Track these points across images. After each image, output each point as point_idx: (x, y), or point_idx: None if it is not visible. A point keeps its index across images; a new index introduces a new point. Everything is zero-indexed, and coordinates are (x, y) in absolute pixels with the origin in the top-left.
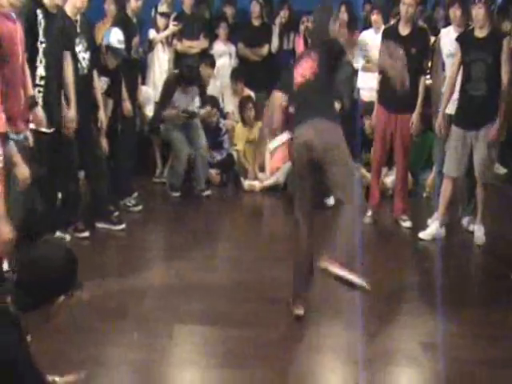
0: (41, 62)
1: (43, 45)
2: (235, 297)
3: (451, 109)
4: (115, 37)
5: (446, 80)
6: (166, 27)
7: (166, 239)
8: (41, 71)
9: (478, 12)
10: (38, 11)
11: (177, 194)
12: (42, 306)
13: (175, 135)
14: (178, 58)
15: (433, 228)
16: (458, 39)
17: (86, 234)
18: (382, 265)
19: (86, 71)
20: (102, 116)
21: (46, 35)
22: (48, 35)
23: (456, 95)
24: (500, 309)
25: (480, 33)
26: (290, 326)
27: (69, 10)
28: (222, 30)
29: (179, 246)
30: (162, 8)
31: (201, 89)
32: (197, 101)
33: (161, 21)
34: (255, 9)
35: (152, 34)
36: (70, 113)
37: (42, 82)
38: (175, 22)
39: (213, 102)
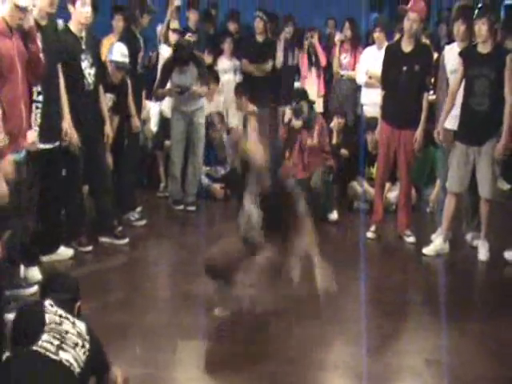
0: None
1: None
2: (239, 312)
3: (454, 124)
4: (118, 51)
5: (448, 94)
6: None
7: (169, 254)
8: (37, 86)
9: (481, 27)
10: None
11: (180, 207)
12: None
13: (175, 124)
14: None
15: (436, 243)
16: (461, 54)
17: (90, 248)
18: (386, 280)
19: (91, 87)
20: (109, 131)
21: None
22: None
23: (458, 111)
24: (505, 326)
25: (483, 48)
26: (294, 341)
27: (73, 26)
28: (227, 46)
29: (183, 260)
30: (174, 25)
31: (198, 67)
32: (192, 76)
33: (173, 37)
34: (259, 25)
35: (165, 49)
36: (64, 125)
37: (40, 98)
38: (190, 34)
39: (219, 117)
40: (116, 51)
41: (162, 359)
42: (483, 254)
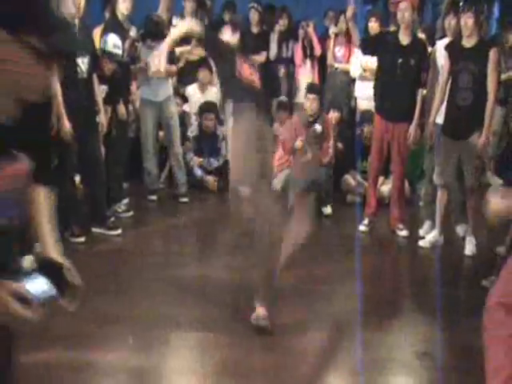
0: None
1: None
2: (231, 304)
3: (440, 118)
4: (111, 42)
5: (438, 89)
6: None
7: (161, 245)
8: None
9: (467, 21)
10: None
11: (153, 197)
12: None
13: (145, 115)
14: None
15: (432, 236)
16: (446, 48)
17: (82, 239)
18: (378, 273)
19: (85, 75)
20: (103, 120)
21: None
22: None
23: (444, 104)
24: None
25: (467, 42)
26: (286, 333)
27: (65, 14)
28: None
29: (174, 252)
30: (176, 21)
31: None
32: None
33: None
34: (254, 16)
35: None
36: (64, 123)
37: None
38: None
39: (211, 107)
40: (109, 42)
41: (155, 350)
42: (469, 249)
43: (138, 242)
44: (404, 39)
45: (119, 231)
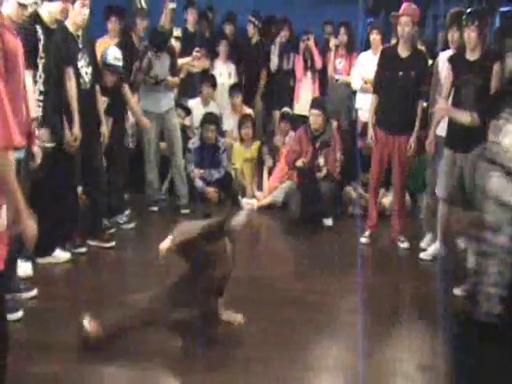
0: (40, 77)
1: (43, 60)
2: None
3: (443, 130)
4: (112, 54)
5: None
6: (180, 50)
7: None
8: (40, 86)
9: (470, 34)
10: (38, 27)
11: (154, 209)
12: None
13: (148, 132)
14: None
15: (433, 248)
16: (450, 60)
17: (83, 249)
18: (380, 286)
19: (88, 86)
20: (105, 131)
21: (44, 51)
22: (47, 51)
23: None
24: None
25: (471, 55)
26: (287, 346)
27: (70, 25)
28: (223, 49)
29: (176, 263)
30: (177, 32)
31: (172, 58)
32: (167, 66)
33: (176, 44)
34: (250, 30)
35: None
36: (74, 130)
37: (42, 97)
38: (198, 49)
39: (212, 119)
40: (110, 54)
41: (156, 361)
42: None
43: (140, 253)
44: (403, 52)
45: (113, 243)
